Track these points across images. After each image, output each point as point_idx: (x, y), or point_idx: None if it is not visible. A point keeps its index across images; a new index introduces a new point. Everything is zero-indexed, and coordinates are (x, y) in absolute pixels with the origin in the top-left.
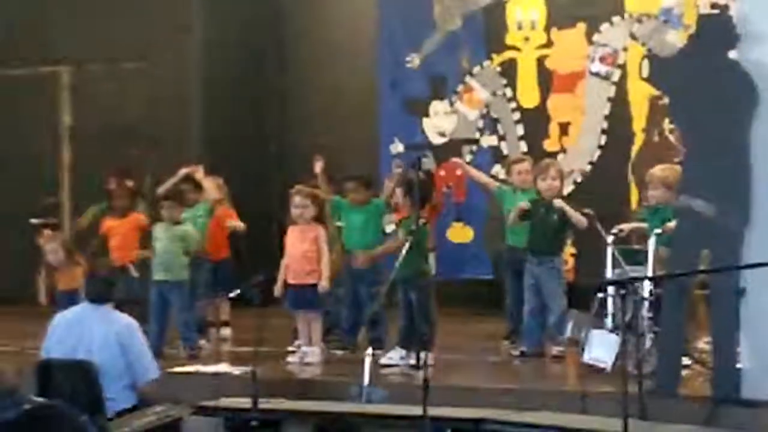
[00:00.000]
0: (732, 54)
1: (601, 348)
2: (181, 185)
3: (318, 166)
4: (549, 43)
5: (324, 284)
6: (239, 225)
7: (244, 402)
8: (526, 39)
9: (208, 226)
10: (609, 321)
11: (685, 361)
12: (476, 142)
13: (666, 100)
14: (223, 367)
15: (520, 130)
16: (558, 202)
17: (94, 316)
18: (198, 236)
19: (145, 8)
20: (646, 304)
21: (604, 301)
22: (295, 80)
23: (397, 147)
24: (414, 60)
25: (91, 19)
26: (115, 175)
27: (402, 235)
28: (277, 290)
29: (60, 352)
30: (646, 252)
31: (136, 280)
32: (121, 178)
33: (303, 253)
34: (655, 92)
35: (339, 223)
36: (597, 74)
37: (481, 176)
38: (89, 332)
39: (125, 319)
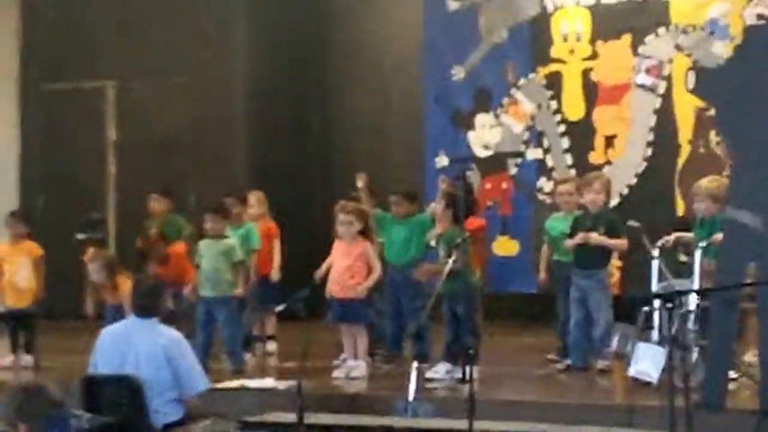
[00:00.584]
0: None
1: (648, 361)
2: (226, 199)
3: (360, 182)
4: (594, 55)
5: (363, 290)
6: (274, 274)
7: (290, 417)
8: (572, 51)
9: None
10: (655, 334)
11: (733, 374)
12: (521, 155)
13: (712, 112)
14: (268, 382)
15: (565, 142)
16: (593, 237)
17: (140, 330)
18: (239, 250)
19: (190, 24)
20: (693, 317)
21: (650, 314)
22: (340, 95)
23: (443, 160)
24: (459, 73)
25: (136, 34)
26: (158, 194)
27: (442, 250)
28: (318, 274)
29: (107, 367)
30: (692, 264)
31: (185, 295)
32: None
33: (348, 267)
34: (702, 104)
35: (380, 239)
36: (642, 86)
37: None
38: (135, 346)
39: (171, 333)
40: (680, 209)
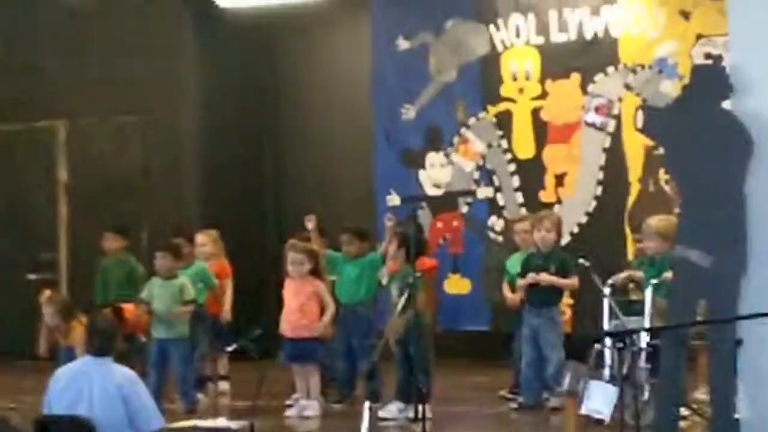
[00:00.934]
0: (726, 104)
1: (599, 399)
2: (175, 239)
3: (310, 224)
4: (544, 94)
5: (324, 331)
6: (225, 314)
7: None
8: (521, 90)
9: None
10: (606, 372)
11: (684, 411)
12: (472, 193)
13: (661, 151)
14: (221, 422)
15: (516, 181)
16: (544, 277)
17: (95, 369)
18: (193, 290)
19: (140, 63)
20: (644, 355)
21: (601, 352)
22: (291, 133)
23: (394, 199)
24: (409, 111)
25: (86, 73)
26: (112, 232)
27: (394, 289)
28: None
29: (61, 406)
30: (643, 303)
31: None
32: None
33: (299, 306)
34: (651, 143)
35: (332, 277)
36: (592, 125)
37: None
38: (90, 385)
39: (126, 371)
40: (630, 247)
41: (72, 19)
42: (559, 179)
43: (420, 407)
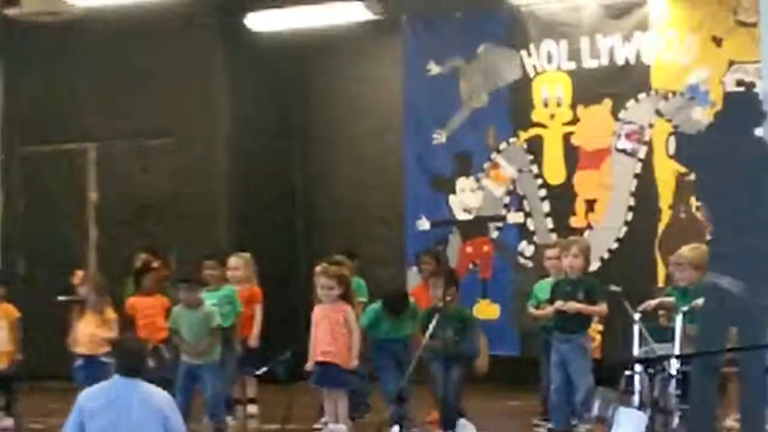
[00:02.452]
0: (758, 131)
1: (629, 426)
2: (206, 262)
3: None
4: (575, 120)
5: (354, 362)
6: (253, 339)
7: None
8: (552, 116)
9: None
10: (636, 398)
11: None
12: (502, 218)
13: (692, 177)
14: None
15: (546, 206)
16: (571, 306)
17: (131, 394)
18: (219, 316)
19: (171, 86)
20: (674, 381)
21: (631, 378)
22: (322, 157)
23: (424, 224)
24: (440, 137)
25: (116, 96)
26: (145, 253)
27: (449, 329)
28: (309, 366)
29: (98, 429)
30: (674, 329)
31: (167, 359)
32: (150, 257)
33: (329, 331)
34: (682, 169)
35: (362, 299)
36: (623, 151)
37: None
38: (128, 410)
39: (163, 395)
40: (661, 274)
41: (104, 42)
42: (590, 205)
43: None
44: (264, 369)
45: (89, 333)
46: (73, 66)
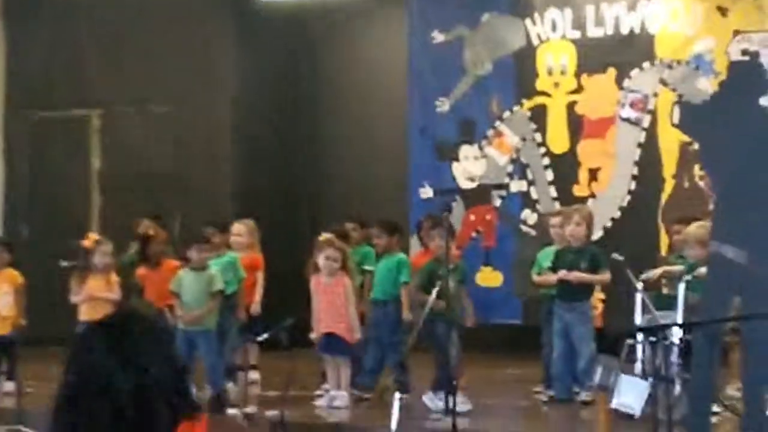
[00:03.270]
0: (763, 100)
1: (631, 394)
2: (207, 228)
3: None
4: (579, 89)
5: (356, 335)
6: (255, 306)
7: None
8: (556, 84)
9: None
10: (638, 367)
11: (715, 408)
12: (506, 187)
13: (696, 146)
14: (251, 411)
15: (549, 175)
16: (574, 275)
17: None
18: (221, 280)
19: (176, 53)
20: (676, 350)
21: (633, 347)
22: (326, 126)
23: (427, 192)
24: (444, 105)
25: (121, 63)
26: (148, 220)
27: (452, 281)
28: (313, 336)
29: None
30: (676, 297)
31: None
32: (155, 226)
33: (333, 306)
34: (686, 138)
35: (370, 267)
36: (627, 120)
37: None
38: None
39: None
40: (664, 243)
41: (109, 9)
42: (593, 174)
43: (452, 398)
44: (265, 336)
45: (94, 297)
46: (78, 33)
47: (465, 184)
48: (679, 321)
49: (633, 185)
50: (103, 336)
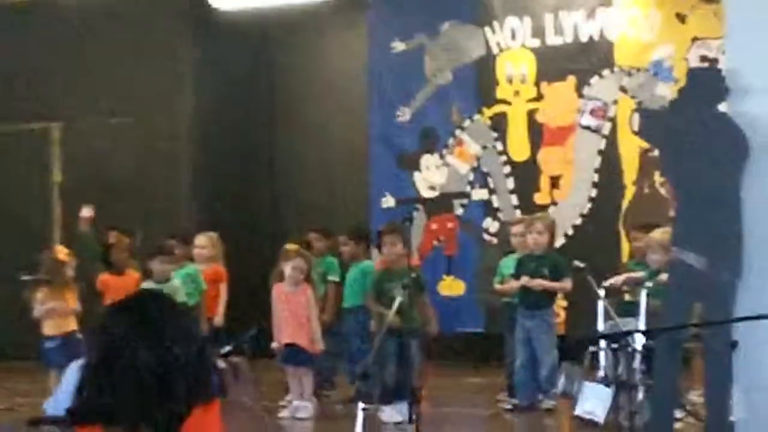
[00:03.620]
0: (722, 107)
1: (594, 401)
2: (169, 240)
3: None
4: (539, 97)
5: (318, 346)
6: (218, 319)
7: None
8: (517, 92)
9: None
10: (601, 374)
11: (678, 413)
12: (467, 195)
13: (656, 153)
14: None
15: (510, 183)
16: (536, 282)
17: None
18: (183, 292)
19: (136, 63)
20: (639, 357)
21: (596, 354)
22: (287, 135)
23: (389, 201)
24: (405, 114)
25: (81, 75)
26: (115, 231)
27: (397, 288)
28: (275, 345)
29: None
30: (638, 304)
31: None
32: (121, 234)
33: (295, 312)
34: (646, 145)
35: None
36: (587, 127)
37: None
38: None
39: None
40: (625, 249)
41: (68, 21)
42: (554, 181)
43: (414, 408)
44: (229, 347)
45: (57, 310)
46: (38, 45)
47: (426, 193)
48: (641, 328)
49: (594, 192)
50: (127, 315)
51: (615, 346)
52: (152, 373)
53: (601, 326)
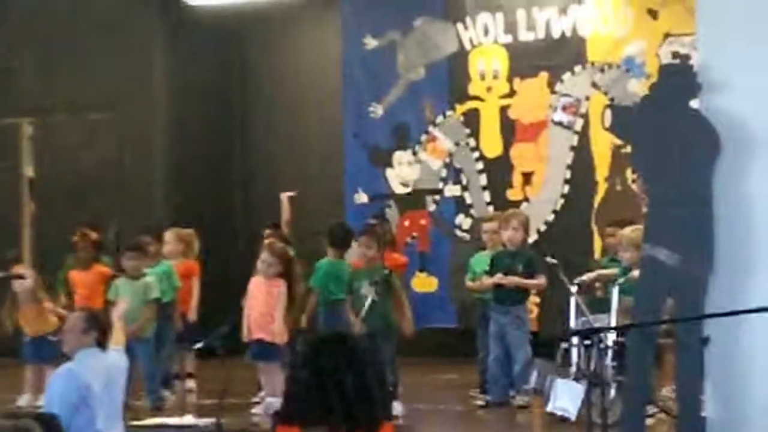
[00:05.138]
0: (694, 103)
1: (566, 397)
2: (143, 237)
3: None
4: (512, 93)
5: (283, 337)
6: (191, 314)
7: None
8: (489, 89)
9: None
10: (573, 370)
11: (650, 409)
12: (440, 192)
13: (628, 149)
14: (188, 419)
15: (483, 179)
16: (510, 280)
17: (118, 363)
18: (157, 289)
19: (109, 59)
20: (611, 353)
21: (568, 350)
22: (261, 130)
23: (362, 197)
24: (377, 110)
25: (53, 70)
26: (84, 227)
27: (364, 286)
28: (245, 336)
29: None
30: (609, 300)
31: None
32: (87, 230)
33: (265, 305)
34: (618, 141)
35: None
36: (560, 123)
37: None
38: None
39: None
40: (597, 246)
41: (42, 15)
42: (527, 178)
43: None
44: (201, 344)
45: (31, 319)
46: (10, 40)
47: (399, 190)
48: (613, 324)
49: (566, 189)
50: (340, 348)
51: (587, 342)
52: (355, 392)
53: (573, 323)
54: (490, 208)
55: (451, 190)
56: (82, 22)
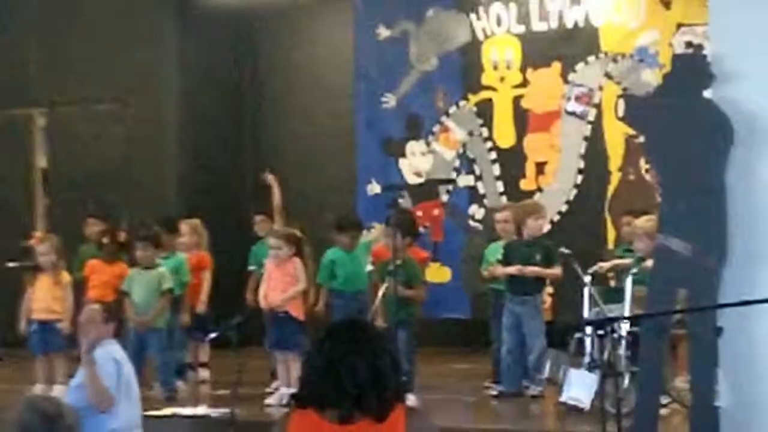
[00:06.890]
0: (707, 93)
1: (580, 387)
2: (156, 228)
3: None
4: (525, 83)
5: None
6: (201, 306)
7: None
8: (502, 79)
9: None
10: (587, 360)
11: (664, 399)
12: (453, 182)
13: (642, 139)
14: (201, 410)
15: (496, 169)
16: (529, 270)
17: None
18: (171, 280)
19: (119, 50)
20: (624, 343)
21: (582, 340)
22: (273, 121)
23: (375, 188)
24: (390, 100)
25: (65, 61)
26: (92, 219)
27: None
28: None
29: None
30: (623, 290)
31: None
32: (110, 225)
33: (282, 279)
34: (631, 131)
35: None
36: (573, 113)
37: None
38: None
39: None
40: (610, 236)
41: (53, 7)
42: (540, 168)
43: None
44: (214, 334)
45: (42, 297)
46: (21, 31)
47: (412, 180)
48: (627, 314)
49: (579, 179)
50: (351, 333)
51: (601, 332)
52: (368, 376)
53: (586, 313)
54: (503, 198)
55: (464, 181)
56: (94, 14)
